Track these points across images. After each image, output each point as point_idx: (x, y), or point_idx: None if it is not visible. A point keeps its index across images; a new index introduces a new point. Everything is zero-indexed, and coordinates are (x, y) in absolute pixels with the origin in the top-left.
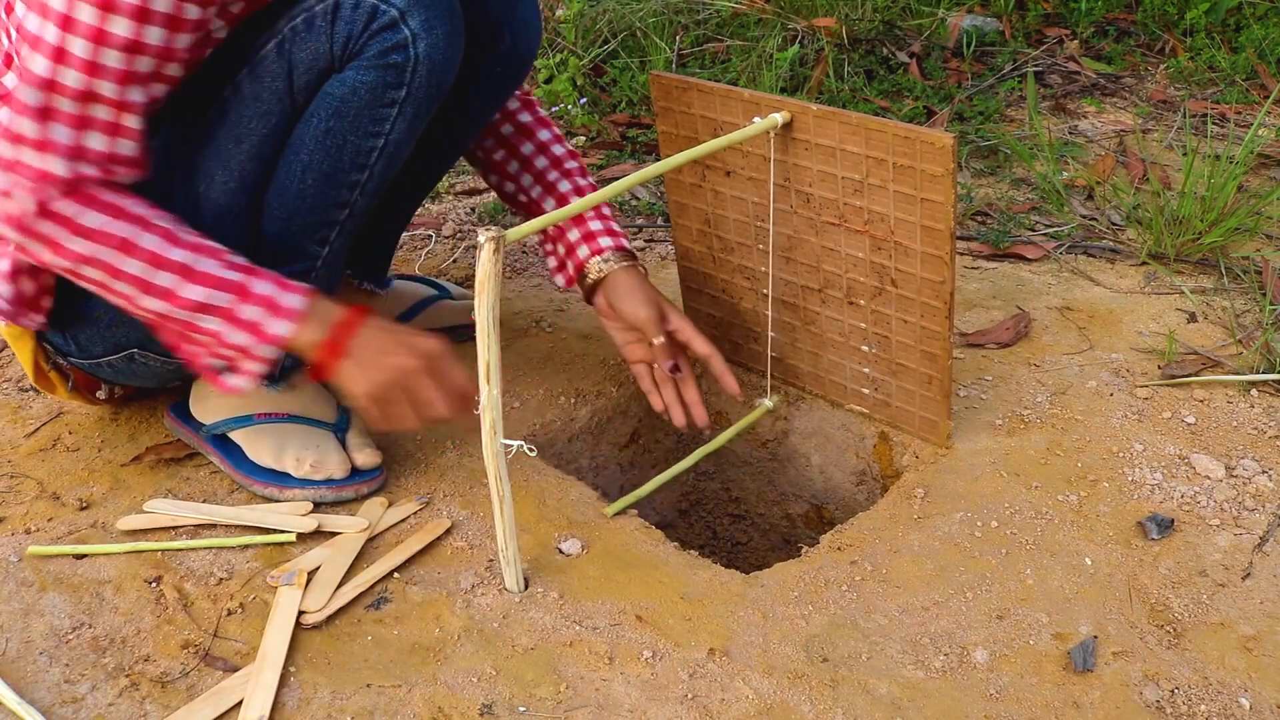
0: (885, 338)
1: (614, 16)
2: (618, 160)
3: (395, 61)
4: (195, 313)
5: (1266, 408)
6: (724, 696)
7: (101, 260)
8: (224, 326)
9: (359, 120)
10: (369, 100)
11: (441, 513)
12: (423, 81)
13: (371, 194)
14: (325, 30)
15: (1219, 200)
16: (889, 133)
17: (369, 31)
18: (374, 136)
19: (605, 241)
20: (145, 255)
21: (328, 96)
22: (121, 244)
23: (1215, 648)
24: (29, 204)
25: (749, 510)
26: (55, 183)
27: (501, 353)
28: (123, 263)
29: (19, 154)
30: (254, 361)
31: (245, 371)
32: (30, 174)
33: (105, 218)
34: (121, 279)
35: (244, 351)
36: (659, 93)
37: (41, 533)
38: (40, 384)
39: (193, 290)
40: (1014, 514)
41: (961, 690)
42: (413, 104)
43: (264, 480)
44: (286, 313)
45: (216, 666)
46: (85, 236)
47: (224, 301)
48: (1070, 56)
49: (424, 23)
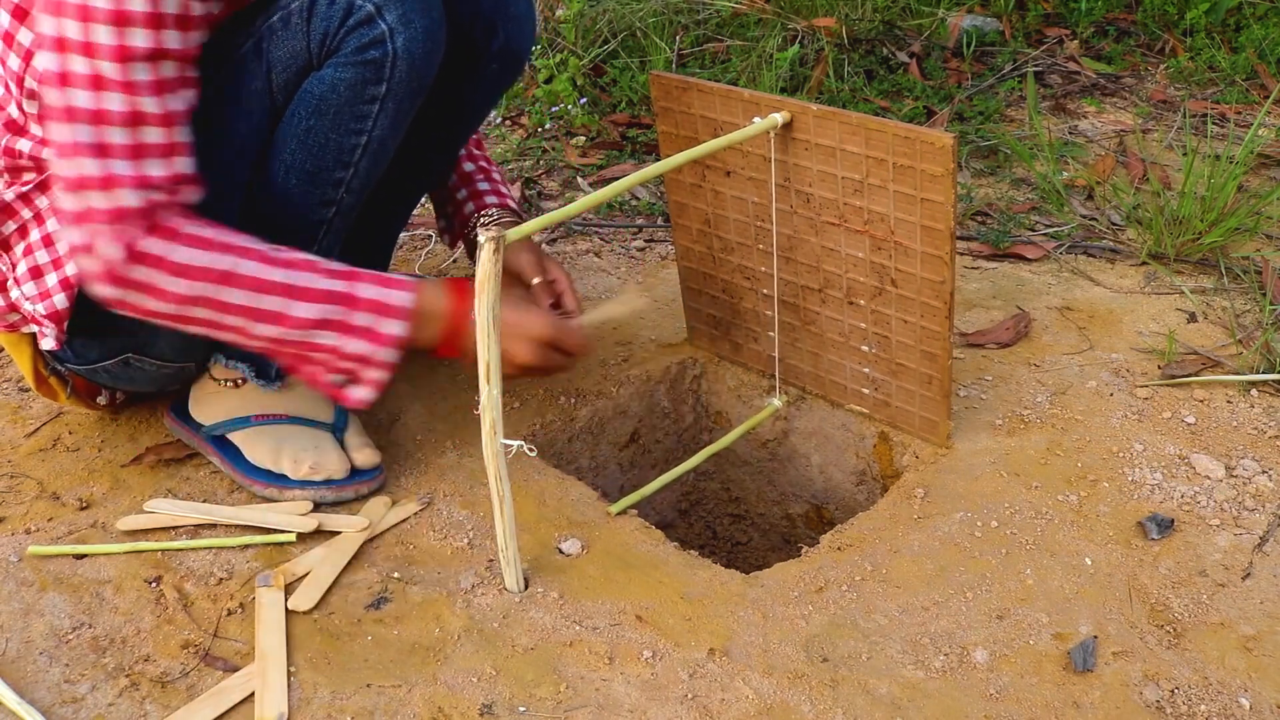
0: (885, 338)
1: (614, 16)
2: (618, 160)
3: (373, 57)
4: (309, 330)
5: (1266, 408)
6: (724, 696)
7: (206, 297)
8: (339, 339)
9: (340, 118)
10: (349, 98)
11: (441, 513)
12: (403, 77)
13: (358, 191)
14: (302, 28)
15: (1219, 200)
16: (889, 133)
17: (345, 28)
18: (356, 134)
19: (490, 199)
20: (248, 283)
21: (307, 95)
22: (222, 276)
23: (1215, 648)
24: (115, 251)
25: (749, 510)
26: (132, 217)
27: None
28: (228, 295)
29: (86, 200)
30: (375, 369)
31: (368, 381)
32: (105, 216)
33: (195, 250)
34: (230, 312)
35: (363, 360)
36: (659, 93)
37: (41, 533)
38: (41, 390)
39: (302, 308)
40: (1014, 514)
41: (961, 690)
42: (394, 100)
43: (264, 481)
44: (397, 312)
45: (216, 666)
46: (182, 275)
47: (334, 314)
48: (1070, 56)
49: (401, 17)
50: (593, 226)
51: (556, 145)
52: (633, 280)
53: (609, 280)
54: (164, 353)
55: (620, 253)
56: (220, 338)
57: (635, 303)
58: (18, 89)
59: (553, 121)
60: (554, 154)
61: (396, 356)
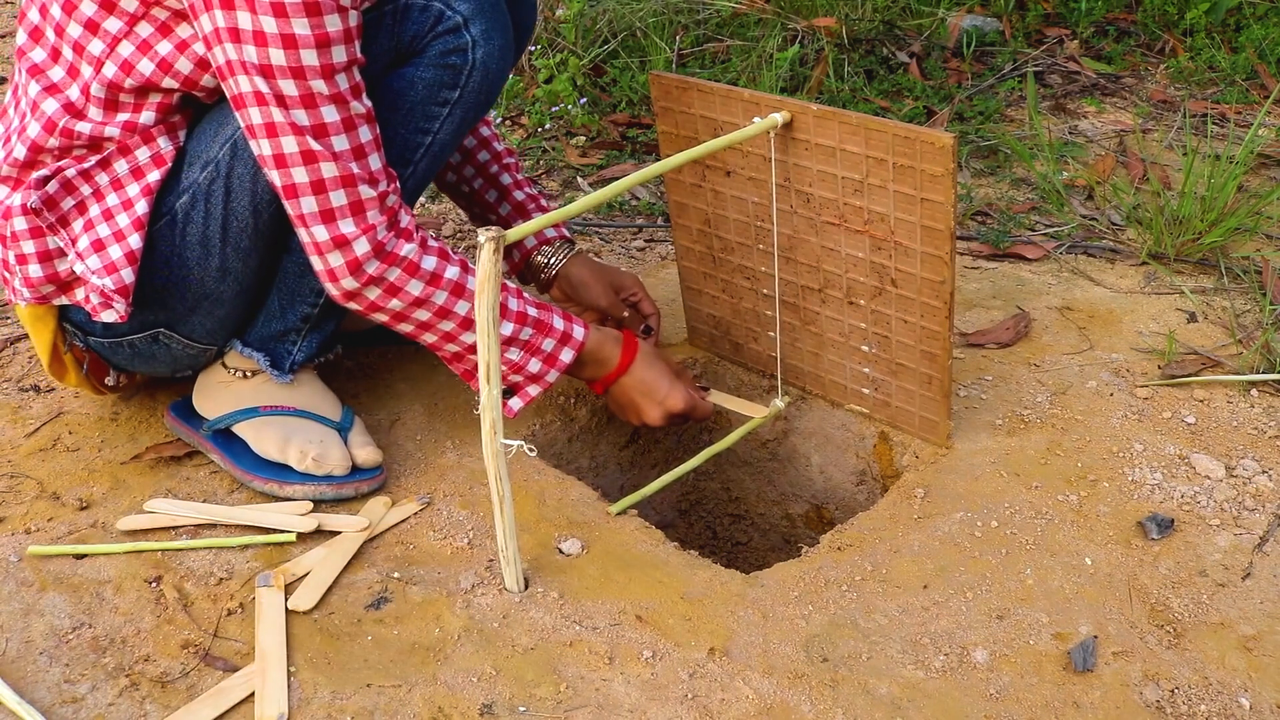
0: (885, 338)
1: (614, 16)
2: (618, 160)
3: (454, 63)
4: (504, 347)
5: (1266, 408)
6: (724, 696)
7: (435, 303)
8: (525, 357)
9: (412, 115)
10: (424, 96)
11: (441, 513)
12: (476, 86)
13: (413, 192)
14: (392, 29)
15: (1219, 200)
16: (889, 133)
17: (434, 33)
18: (423, 133)
19: (550, 233)
20: (471, 296)
21: (386, 89)
22: (455, 287)
23: (1215, 648)
24: (364, 247)
25: (749, 510)
26: (373, 208)
27: None
28: (455, 305)
29: (328, 200)
30: (539, 385)
31: (527, 395)
32: (350, 210)
33: (439, 260)
34: (448, 319)
35: (535, 378)
36: (659, 93)
37: (41, 533)
38: (53, 368)
39: (506, 327)
40: (1014, 514)
41: (961, 690)
42: (462, 107)
43: (264, 475)
44: (575, 344)
45: (216, 666)
46: (426, 281)
47: (528, 335)
48: (1070, 56)
49: (484, 31)
50: (593, 226)
51: (556, 145)
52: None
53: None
54: (194, 332)
55: (620, 253)
56: (418, 337)
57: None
58: (94, 72)
59: (553, 121)
60: (554, 154)
61: (558, 379)
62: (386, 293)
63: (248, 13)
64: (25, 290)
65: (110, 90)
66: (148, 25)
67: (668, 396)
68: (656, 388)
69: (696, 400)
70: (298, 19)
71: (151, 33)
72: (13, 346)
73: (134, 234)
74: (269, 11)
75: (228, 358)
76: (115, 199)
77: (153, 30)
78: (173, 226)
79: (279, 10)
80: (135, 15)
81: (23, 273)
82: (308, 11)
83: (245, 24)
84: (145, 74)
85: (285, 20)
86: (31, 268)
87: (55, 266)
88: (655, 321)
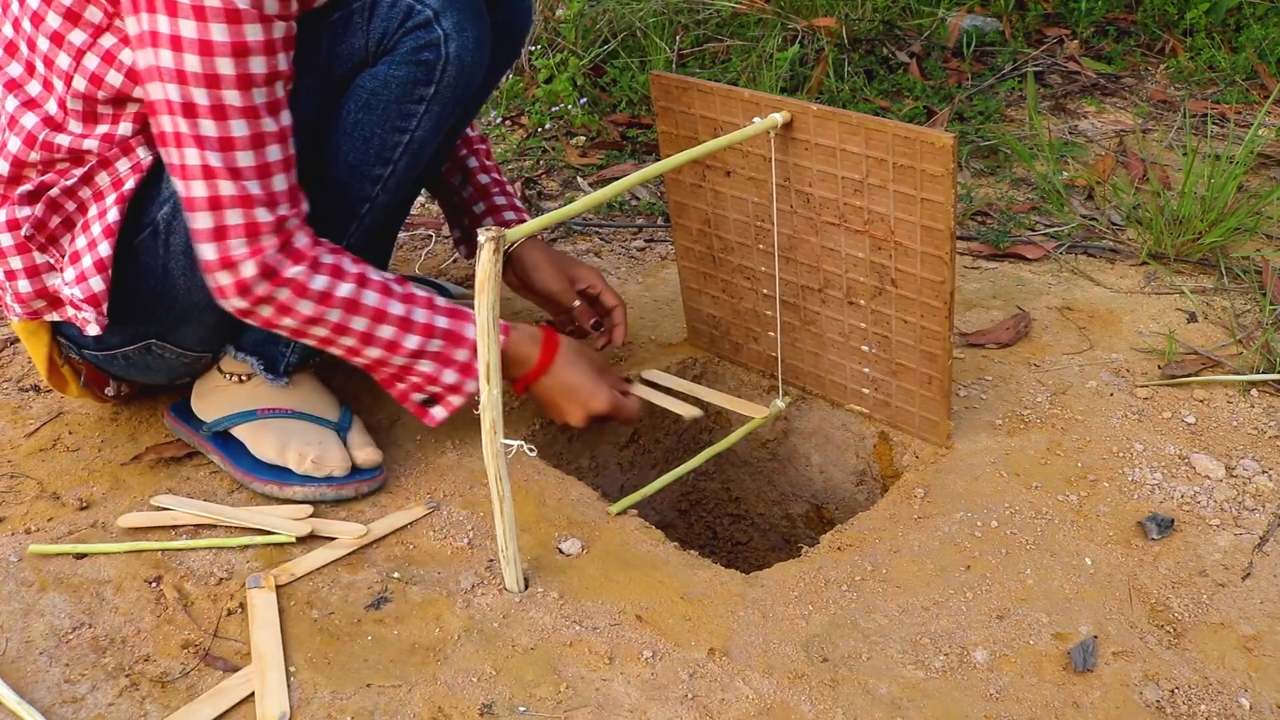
0: (885, 338)
1: (614, 16)
2: (618, 160)
3: (427, 59)
4: (413, 358)
5: (1266, 408)
6: (724, 696)
7: (330, 320)
8: (437, 368)
9: (387, 114)
10: (398, 95)
11: (441, 513)
12: (451, 81)
13: (394, 191)
14: (362, 26)
15: (1219, 200)
16: (889, 133)
17: (404, 29)
18: (400, 132)
19: (509, 215)
20: (370, 312)
21: (358, 90)
22: (349, 304)
23: (1215, 648)
24: (251, 269)
25: (749, 510)
26: (267, 232)
27: None
28: (351, 321)
29: (222, 218)
30: (459, 395)
31: (450, 405)
32: (241, 232)
33: (330, 279)
34: (348, 335)
35: (454, 388)
36: (659, 93)
37: (41, 532)
38: (51, 380)
39: (411, 340)
40: (1014, 514)
41: (961, 690)
42: (439, 103)
43: (264, 477)
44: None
45: (216, 666)
46: (315, 300)
47: (438, 347)
48: (1070, 56)
49: (456, 24)
50: (593, 226)
51: (556, 145)
52: (633, 281)
53: (609, 280)
54: (185, 341)
55: (620, 253)
56: (328, 350)
57: (695, 411)
58: (64, 86)
59: (553, 121)
60: (554, 154)
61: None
62: (279, 311)
63: (167, 16)
64: (16, 306)
65: (86, 103)
66: (111, 36)
67: (591, 398)
68: (578, 388)
69: (621, 401)
70: (216, 24)
71: (115, 43)
72: (12, 347)
73: (104, 241)
74: (189, 15)
75: (223, 362)
76: (95, 211)
77: (116, 41)
78: (155, 237)
79: (199, 14)
80: (99, 27)
81: (13, 289)
82: (227, 19)
83: (164, 28)
84: (115, 85)
85: (204, 25)
86: (20, 283)
87: (44, 281)
88: (620, 314)
